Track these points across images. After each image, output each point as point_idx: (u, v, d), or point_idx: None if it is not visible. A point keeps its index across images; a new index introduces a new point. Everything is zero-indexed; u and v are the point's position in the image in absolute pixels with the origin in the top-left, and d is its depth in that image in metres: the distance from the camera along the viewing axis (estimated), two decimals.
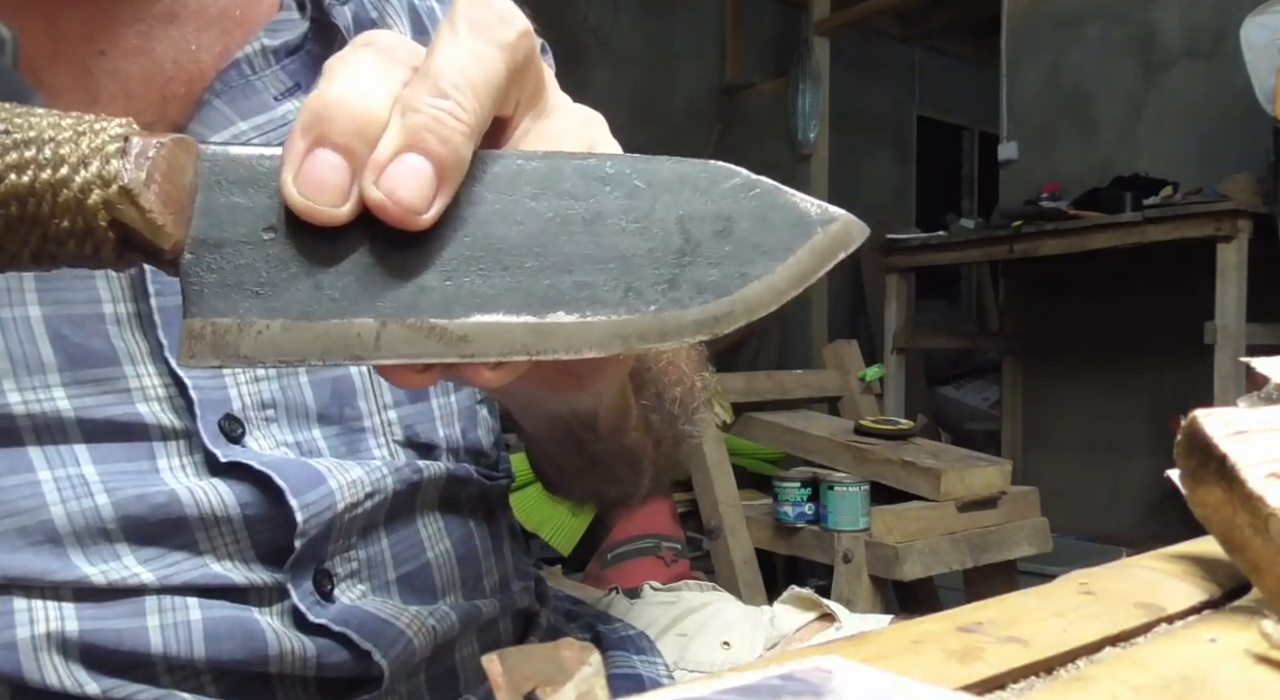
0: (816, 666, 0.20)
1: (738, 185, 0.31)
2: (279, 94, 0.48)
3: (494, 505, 0.59)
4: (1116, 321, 3.54)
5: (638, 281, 0.30)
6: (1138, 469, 3.48)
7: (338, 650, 0.46)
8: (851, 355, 2.44)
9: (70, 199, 0.27)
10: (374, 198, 0.28)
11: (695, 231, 0.30)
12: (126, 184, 0.27)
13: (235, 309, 0.28)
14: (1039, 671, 0.26)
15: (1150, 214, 2.82)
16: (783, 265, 0.30)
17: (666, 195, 0.30)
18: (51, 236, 0.27)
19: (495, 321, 0.29)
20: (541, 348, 0.29)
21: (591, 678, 0.21)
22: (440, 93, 0.28)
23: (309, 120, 0.28)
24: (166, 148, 0.28)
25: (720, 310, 0.30)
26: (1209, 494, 0.28)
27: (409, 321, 0.29)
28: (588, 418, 0.47)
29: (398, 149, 0.28)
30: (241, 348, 0.28)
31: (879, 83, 5.35)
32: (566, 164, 0.30)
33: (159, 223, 0.27)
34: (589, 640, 0.66)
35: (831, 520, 1.85)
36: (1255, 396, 0.37)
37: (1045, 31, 3.76)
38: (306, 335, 0.28)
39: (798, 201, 0.31)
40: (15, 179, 0.26)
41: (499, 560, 0.58)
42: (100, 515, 0.41)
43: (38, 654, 0.39)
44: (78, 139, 0.27)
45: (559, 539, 2.13)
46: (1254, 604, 0.31)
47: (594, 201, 0.30)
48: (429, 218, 0.28)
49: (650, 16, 4.53)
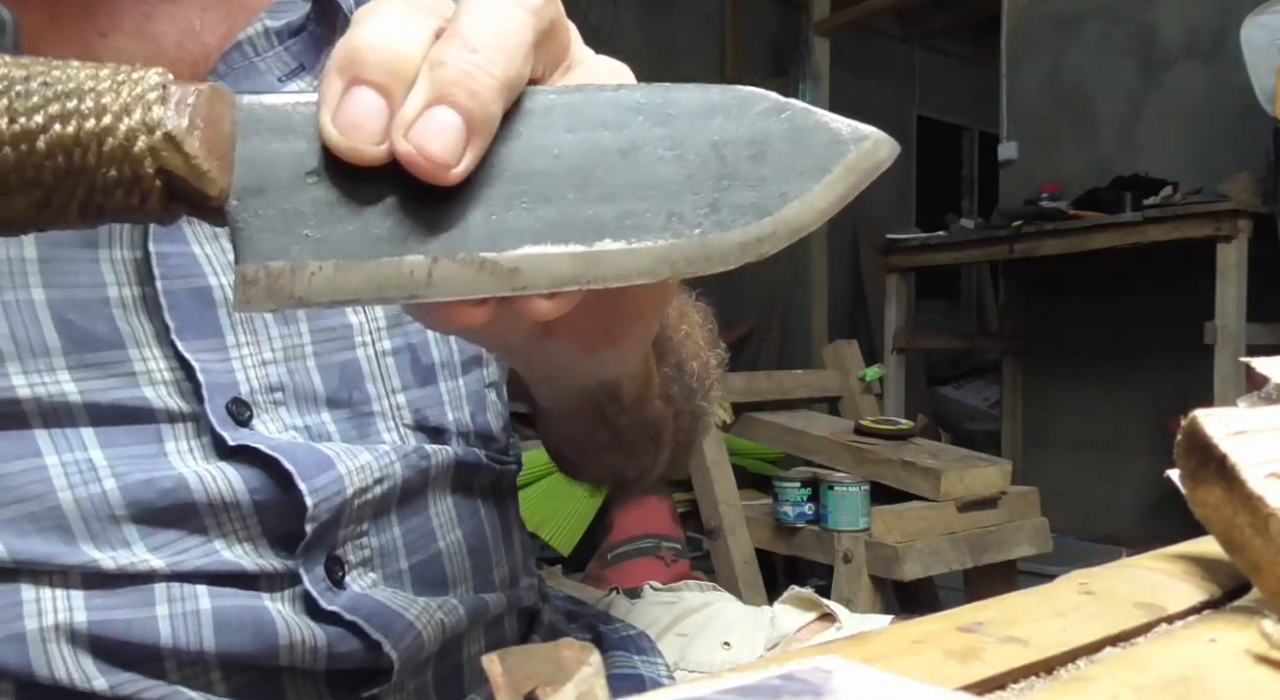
0: (816, 666, 0.20)
1: (769, 108, 0.31)
2: (283, 75, 0.48)
3: (504, 496, 0.59)
4: (1116, 321, 3.54)
5: (679, 207, 0.30)
6: (1138, 469, 3.48)
7: (348, 640, 0.46)
8: (851, 355, 2.44)
9: (116, 147, 0.27)
10: (404, 150, 0.28)
11: (731, 155, 0.30)
12: (170, 130, 0.27)
13: (287, 251, 0.28)
14: (1039, 671, 0.26)
15: (1150, 214, 2.82)
16: (820, 184, 0.31)
17: (700, 121, 0.31)
18: (99, 187, 0.27)
19: (543, 252, 0.29)
20: (591, 276, 0.29)
21: (591, 678, 0.21)
22: (469, 48, 0.28)
23: (343, 62, 0.28)
24: (205, 95, 0.28)
25: (763, 231, 0.30)
26: (1209, 494, 0.28)
27: (459, 257, 0.29)
28: (613, 387, 0.47)
29: (427, 102, 0.28)
30: (296, 290, 0.28)
31: (879, 83, 5.35)
32: (598, 96, 0.31)
33: (204, 168, 0.27)
34: (590, 640, 0.66)
35: (831, 520, 1.85)
36: (1255, 396, 0.37)
37: (1045, 31, 3.76)
38: (360, 275, 0.28)
39: (829, 121, 0.31)
40: (60, 129, 0.26)
41: (509, 554, 0.58)
42: (108, 500, 0.41)
43: (46, 646, 0.39)
44: (118, 88, 0.27)
45: (559, 539, 2.13)
46: (1254, 604, 0.31)
47: (628, 131, 0.30)
48: (460, 171, 0.28)
49: (650, 16, 4.53)
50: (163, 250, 0.44)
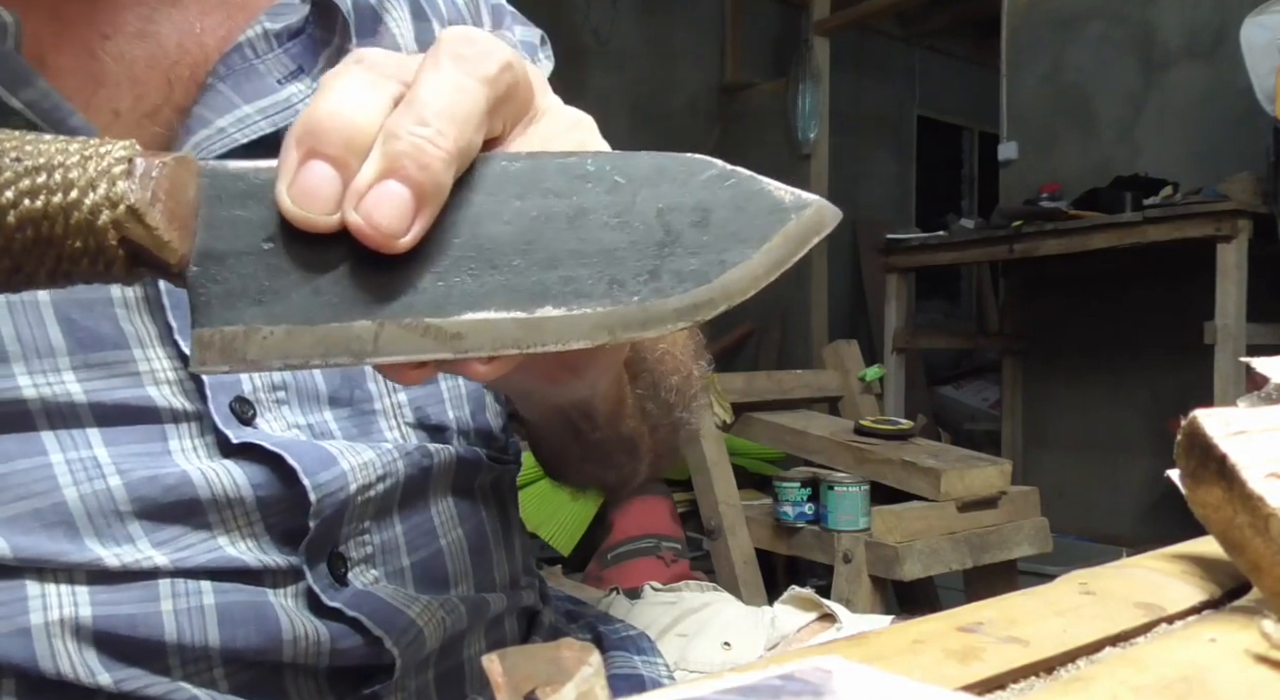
0: (816, 666, 0.20)
1: (714, 176, 0.32)
2: (282, 77, 0.48)
3: (505, 496, 0.59)
4: (1116, 321, 3.54)
5: (621, 273, 0.31)
6: (1138, 469, 3.48)
7: (350, 636, 0.46)
8: (851, 355, 2.44)
9: (81, 220, 0.28)
10: (354, 222, 0.29)
11: (674, 223, 0.31)
12: (133, 204, 0.28)
13: (241, 317, 0.30)
14: (1039, 671, 0.26)
15: (1150, 214, 2.82)
16: (759, 252, 0.32)
17: (646, 189, 0.32)
18: (66, 256, 0.28)
19: (486, 318, 0.30)
20: (532, 341, 0.31)
21: (591, 678, 0.21)
22: (422, 121, 0.29)
23: (301, 134, 0.29)
24: (169, 167, 0.29)
25: (700, 298, 0.31)
26: (1209, 494, 0.28)
27: (405, 322, 0.30)
28: (585, 407, 0.47)
29: (378, 175, 0.29)
30: (249, 353, 0.30)
31: (879, 83, 5.35)
32: (549, 163, 0.32)
33: (165, 239, 0.29)
34: (590, 640, 0.66)
35: (831, 520, 1.85)
36: (1255, 396, 0.37)
37: (1045, 31, 3.76)
38: (309, 339, 0.30)
39: (772, 189, 0.32)
40: (29, 204, 0.28)
41: (509, 554, 0.58)
42: (113, 497, 0.41)
43: (51, 641, 0.39)
44: (84, 163, 0.28)
45: (559, 539, 2.13)
46: (1254, 604, 0.31)
47: (576, 198, 0.31)
48: (408, 241, 0.29)
49: (650, 16, 4.53)
50: None
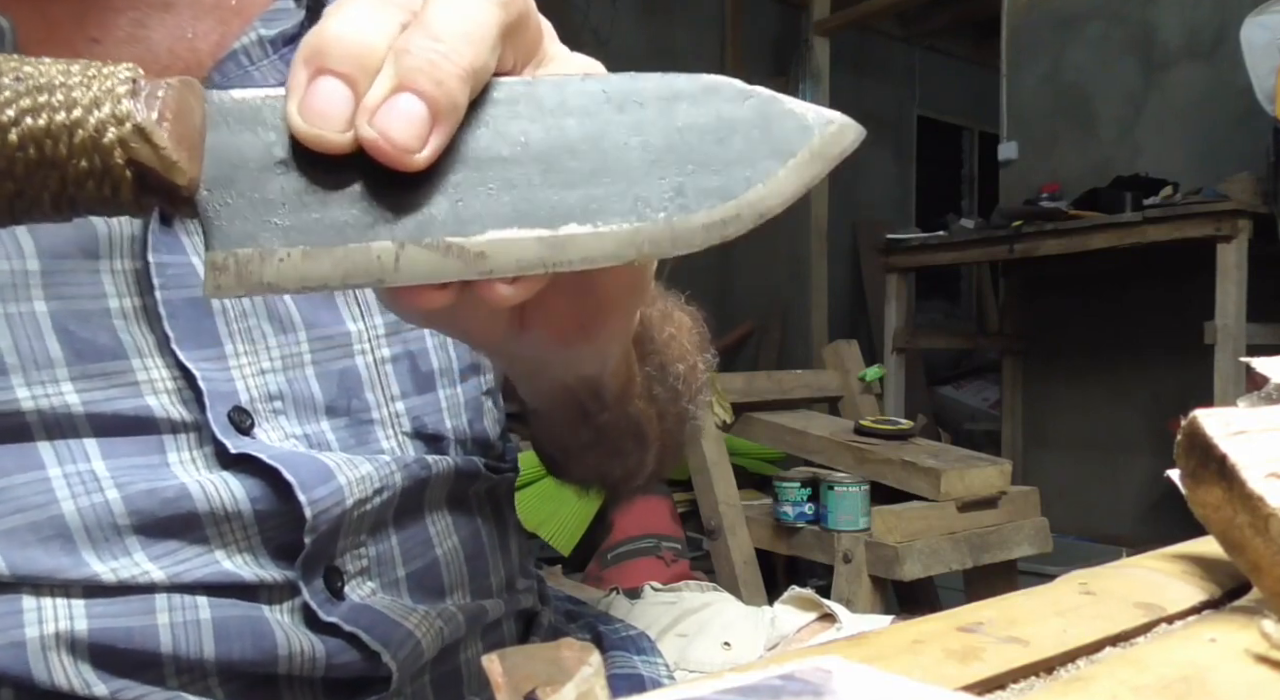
0: (816, 666, 0.20)
1: (734, 94, 0.32)
2: (278, 83, 0.48)
3: (501, 502, 0.59)
4: (1116, 321, 3.54)
5: (644, 191, 0.30)
6: (1138, 469, 3.48)
7: (347, 650, 0.46)
8: (851, 355, 2.44)
9: (86, 139, 0.27)
10: (368, 136, 0.28)
11: (696, 141, 0.31)
12: (139, 122, 0.27)
13: (255, 239, 0.29)
14: (1039, 671, 0.26)
15: (1150, 214, 2.82)
16: (785, 168, 0.31)
17: (665, 108, 0.31)
18: (70, 178, 0.28)
19: (509, 237, 0.29)
20: (557, 259, 0.30)
21: (591, 678, 0.21)
22: (434, 37, 0.28)
23: (308, 53, 0.28)
24: (175, 88, 0.28)
25: (727, 213, 0.31)
26: (1209, 494, 0.28)
27: (425, 241, 0.29)
28: (593, 384, 0.47)
29: (391, 89, 0.28)
30: (265, 276, 0.29)
31: (879, 83, 5.35)
32: (565, 85, 0.31)
33: (173, 159, 0.28)
34: (590, 640, 0.66)
35: (831, 520, 1.85)
36: (1255, 396, 0.37)
37: (1045, 31, 3.76)
38: (327, 260, 0.29)
39: (795, 106, 0.32)
40: (31, 122, 0.27)
41: (505, 559, 0.58)
42: (111, 510, 0.41)
43: (46, 654, 0.39)
44: (88, 82, 0.28)
45: (559, 539, 2.13)
46: (1254, 604, 0.31)
47: (594, 118, 0.31)
48: (425, 157, 0.28)
49: (650, 16, 4.53)
50: (162, 261, 0.44)
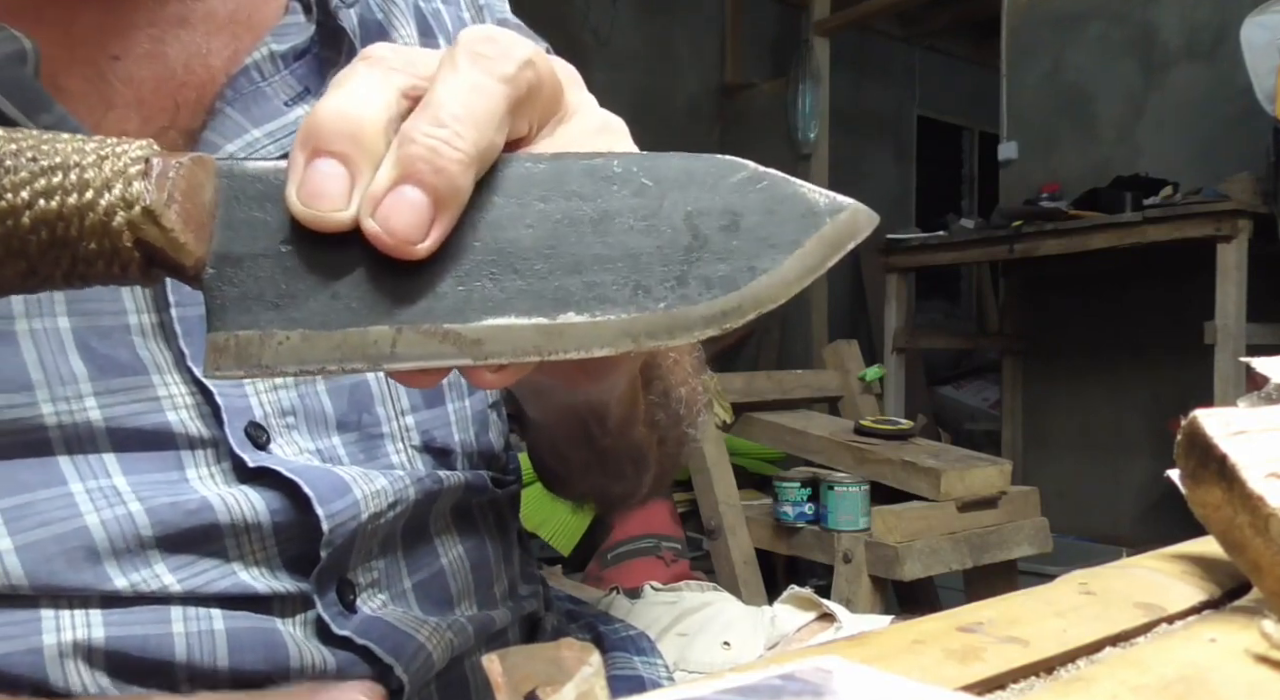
0: (816, 666, 0.20)
1: (745, 179, 0.31)
2: (289, 99, 0.48)
3: (504, 512, 0.59)
4: (1116, 321, 3.54)
5: (646, 279, 0.30)
6: (1138, 469, 3.48)
7: (359, 664, 0.46)
8: (851, 355, 2.44)
9: (96, 222, 0.28)
10: (370, 229, 0.28)
11: (703, 227, 0.30)
12: (149, 205, 0.28)
13: (257, 321, 0.29)
14: (1039, 671, 0.26)
15: (1150, 214, 2.82)
16: (790, 257, 0.31)
17: (674, 192, 0.31)
18: (81, 257, 0.28)
19: (508, 324, 0.29)
20: (553, 348, 0.30)
21: (591, 678, 0.21)
22: (437, 123, 0.28)
23: (304, 135, 0.29)
24: (186, 167, 0.29)
25: (729, 305, 0.30)
26: (1209, 494, 0.28)
27: (424, 327, 0.29)
28: (598, 409, 0.47)
29: (393, 181, 0.28)
30: (264, 358, 0.29)
31: (879, 83, 5.35)
32: (574, 165, 0.31)
33: (181, 241, 0.28)
34: (590, 640, 0.66)
35: (831, 520, 1.85)
36: (1255, 396, 0.37)
37: (1045, 31, 3.76)
38: (325, 344, 0.29)
39: (805, 192, 0.31)
40: (44, 204, 0.27)
41: (508, 566, 0.58)
42: (135, 523, 0.41)
43: (63, 661, 0.39)
44: (100, 163, 0.28)
45: (559, 539, 2.13)
46: (1254, 604, 0.31)
47: (602, 201, 0.30)
48: (426, 247, 0.29)
49: (650, 16, 4.53)
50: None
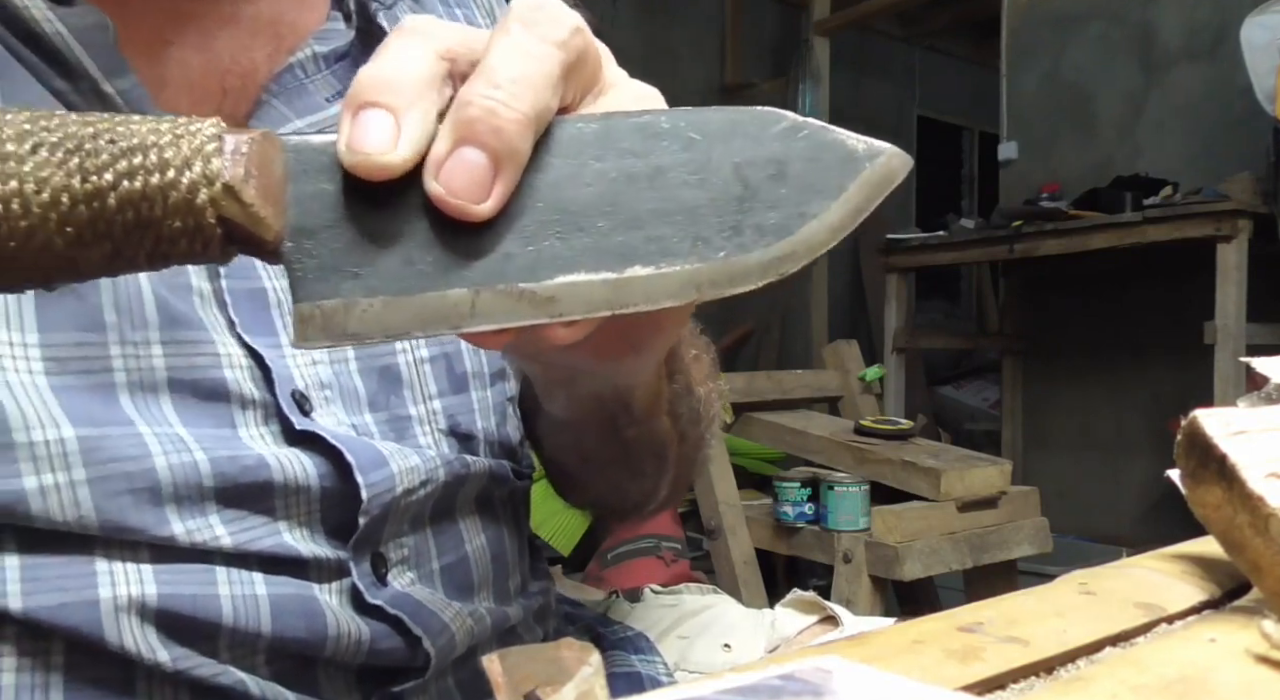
0: (816, 666, 0.20)
1: (786, 128, 0.32)
2: (329, 96, 0.51)
3: (519, 507, 0.60)
4: (1116, 321, 3.54)
5: (704, 231, 0.31)
6: (1138, 469, 3.48)
7: (390, 636, 0.47)
8: (851, 355, 2.44)
9: (180, 200, 0.28)
10: (434, 192, 0.29)
11: (752, 177, 0.32)
12: (228, 180, 0.28)
13: (338, 290, 0.30)
14: (1039, 671, 0.26)
15: (1150, 214, 2.82)
16: (837, 202, 0.32)
17: (720, 144, 0.32)
18: (165, 237, 0.28)
19: (578, 281, 0.30)
20: (622, 301, 0.31)
21: (591, 678, 0.21)
22: (493, 85, 0.29)
23: (349, 97, 0.30)
24: (257, 142, 0.29)
25: (783, 251, 0.31)
26: (1209, 494, 0.28)
27: (499, 288, 0.30)
28: (625, 396, 0.48)
29: (453, 143, 0.29)
30: (349, 326, 0.30)
31: (879, 83, 5.35)
32: (624, 123, 0.32)
33: (261, 215, 0.29)
34: (588, 641, 0.66)
35: (831, 520, 1.85)
36: (1255, 396, 0.37)
37: (1045, 31, 3.76)
38: (407, 309, 0.30)
39: (844, 139, 0.32)
40: (129, 185, 0.28)
41: (521, 562, 0.59)
42: (199, 471, 0.42)
43: (119, 615, 0.40)
44: (177, 141, 0.28)
45: (559, 539, 2.14)
46: (1254, 604, 0.31)
47: (654, 157, 0.31)
48: (489, 208, 0.30)
49: (650, 16, 4.53)
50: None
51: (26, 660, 0.39)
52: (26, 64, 0.41)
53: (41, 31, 0.41)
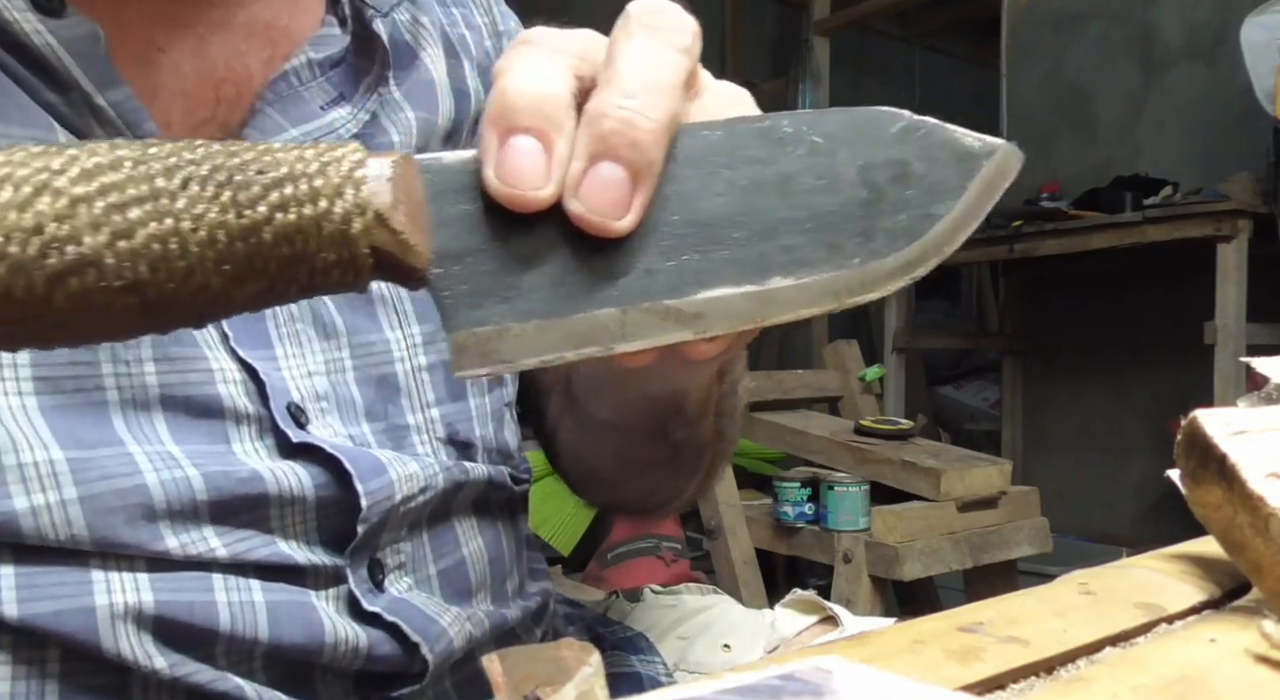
0: (816, 666, 0.20)
1: (904, 128, 0.32)
2: (324, 103, 0.50)
3: (516, 510, 0.60)
4: (1116, 321, 3.54)
5: (837, 238, 0.31)
6: (1138, 469, 3.47)
7: (388, 642, 0.47)
8: (851, 355, 2.44)
9: (335, 231, 0.27)
10: (575, 210, 0.28)
11: (876, 179, 0.31)
12: (379, 208, 0.27)
13: (490, 316, 0.29)
14: (1039, 671, 0.26)
15: (1150, 214, 2.82)
16: (960, 202, 0.32)
17: (843, 148, 0.31)
18: (318, 270, 0.27)
19: (722, 295, 0.30)
20: (765, 314, 0.30)
21: (591, 678, 0.21)
22: (627, 95, 0.29)
23: (494, 115, 0.29)
24: (399, 166, 0.28)
25: (913, 254, 0.31)
26: (1209, 494, 0.28)
27: (645, 306, 0.29)
28: (680, 398, 0.48)
29: (590, 157, 0.28)
30: (504, 352, 0.29)
31: (879, 83, 5.35)
32: (746, 129, 0.31)
33: (411, 243, 0.28)
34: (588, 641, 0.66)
35: (831, 520, 1.85)
36: (1255, 396, 0.37)
37: (1045, 31, 3.76)
38: (558, 332, 0.29)
39: (960, 137, 0.32)
40: (283, 218, 0.26)
41: (518, 564, 0.59)
42: (191, 486, 0.42)
43: (114, 623, 0.40)
44: (325, 170, 0.27)
45: (559, 539, 2.13)
46: (1254, 604, 0.31)
47: (780, 163, 0.31)
48: (628, 224, 0.29)
49: None
50: None
51: (22, 668, 0.39)
52: (16, 77, 0.41)
53: (31, 43, 0.40)
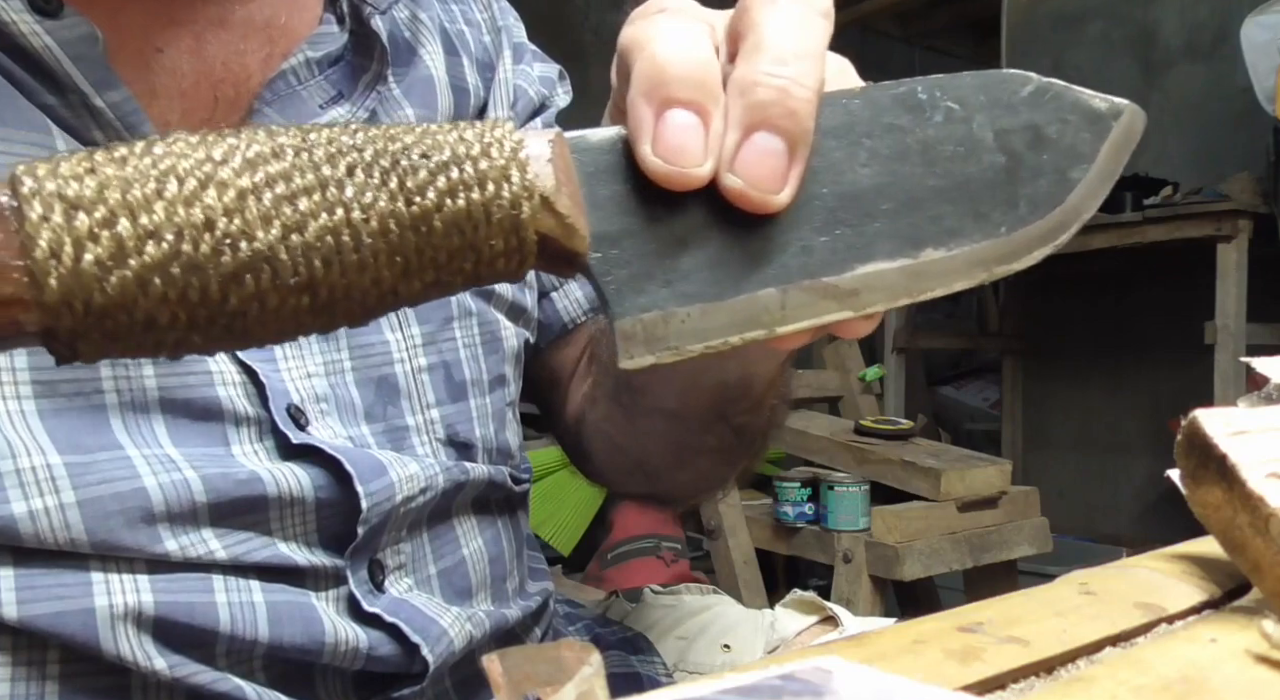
0: (816, 666, 0.20)
1: (1034, 91, 0.31)
2: (323, 102, 0.50)
3: (516, 510, 0.60)
4: (1116, 321, 3.54)
5: (982, 206, 0.30)
6: (1138, 469, 3.47)
7: (387, 642, 0.47)
8: (851, 355, 2.44)
9: (505, 217, 0.25)
10: (733, 186, 0.27)
11: (1013, 145, 0.30)
12: (543, 191, 0.25)
13: (654, 301, 0.28)
14: (1039, 671, 0.26)
15: (1150, 214, 2.82)
16: (1094, 165, 0.31)
17: (979, 113, 0.30)
18: (485, 259, 0.25)
19: (877, 270, 0.29)
20: (919, 289, 0.29)
21: (591, 678, 0.21)
22: (779, 62, 0.27)
23: (647, 87, 0.27)
24: (556, 145, 0.26)
25: (1057, 220, 0.30)
26: (1209, 494, 0.28)
27: (805, 284, 0.28)
28: (747, 382, 0.47)
29: (745, 129, 0.27)
30: (670, 339, 0.28)
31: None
32: (883, 96, 0.30)
33: (575, 226, 0.26)
34: (587, 642, 0.66)
35: (831, 520, 1.85)
36: (1255, 396, 0.37)
37: (1045, 31, 3.76)
38: (723, 315, 0.28)
39: (1087, 98, 0.31)
40: (452, 204, 0.24)
41: (518, 564, 0.59)
42: (190, 489, 0.42)
43: (114, 624, 0.40)
44: (488, 151, 0.25)
45: (559, 539, 2.13)
46: (1254, 604, 0.31)
47: (919, 131, 0.30)
48: (785, 198, 0.27)
49: None
50: None
51: (22, 669, 0.39)
52: (13, 80, 0.41)
53: (29, 45, 0.40)
